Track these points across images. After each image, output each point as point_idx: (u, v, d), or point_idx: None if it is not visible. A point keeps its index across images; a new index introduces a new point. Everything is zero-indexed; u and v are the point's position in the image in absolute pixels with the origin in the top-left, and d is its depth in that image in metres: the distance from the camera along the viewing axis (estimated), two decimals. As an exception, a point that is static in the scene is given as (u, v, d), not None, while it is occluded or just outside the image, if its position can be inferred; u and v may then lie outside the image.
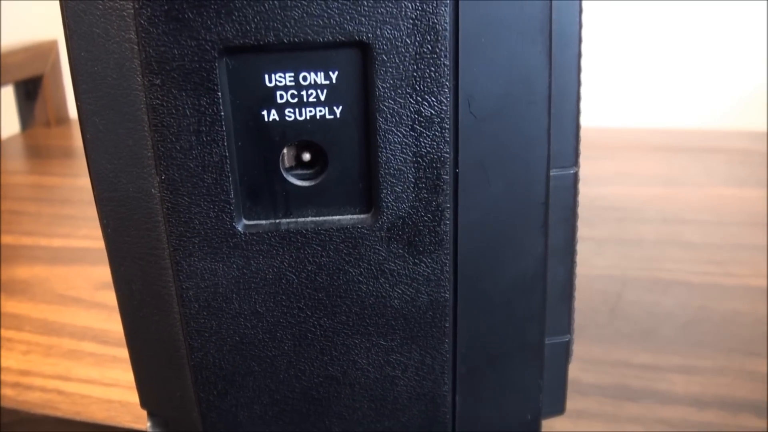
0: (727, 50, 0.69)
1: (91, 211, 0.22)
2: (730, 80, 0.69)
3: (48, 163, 0.69)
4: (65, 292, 0.42)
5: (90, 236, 0.50)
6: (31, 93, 0.79)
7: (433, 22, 0.20)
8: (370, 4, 0.19)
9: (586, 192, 0.24)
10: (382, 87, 0.20)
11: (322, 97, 0.21)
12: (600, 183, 0.53)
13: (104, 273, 0.44)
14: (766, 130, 0.65)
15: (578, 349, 0.26)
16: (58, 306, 0.41)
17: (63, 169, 0.66)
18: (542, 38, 0.20)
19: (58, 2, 0.21)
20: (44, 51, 0.78)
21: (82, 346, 0.36)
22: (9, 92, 0.80)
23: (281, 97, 0.21)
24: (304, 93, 0.21)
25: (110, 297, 0.41)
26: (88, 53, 0.21)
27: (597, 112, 0.68)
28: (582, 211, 0.24)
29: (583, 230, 0.42)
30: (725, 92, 0.69)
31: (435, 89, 0.20)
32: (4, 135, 0.87)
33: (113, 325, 0.38)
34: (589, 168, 0.24)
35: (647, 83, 0.71)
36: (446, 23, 0.20)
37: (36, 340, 0.37)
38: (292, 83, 0.21)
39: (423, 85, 0.20)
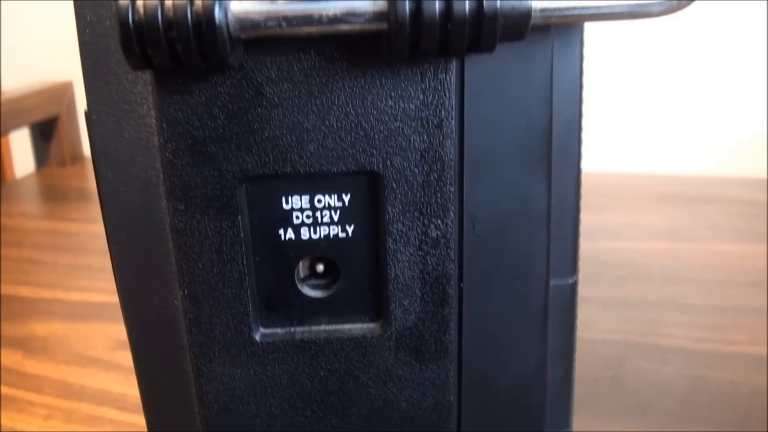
0: (727, 96, 0.71)
1: (108, 262, 0.23)
2: (730, 126, 0.70)
3: (64, 206, 0.70)
4: (84, 351, 0.44)
5: (106, 290, 0.51)
6: (46, 133, 0.81)
7: (439, 154, 0.21)
8: (381, 138, 0.21)
9: (591, 246, 0.26)
10: (392, 211, 0.22)
11: (335, 218, 0.22)
12: (604, 236, 0.54)
13: (120, 331, 0.45)
14: (766, 176, 0.66)
15: (578, 424, 0.27)
16: (77, 367, 0.42)
17: (79, 214, 0.67)
18: (542, 167, 0.22)
19: (73, 42, 0.22)
20: (59, 92, 0.80)
21: (102, 412, 0.38)
22: (24, 131, 0.82)
23: (297, 217, 0.22)
24: (318, 214, 0.22)
25: (127, 358, 0.42)
26: (115, 175, 0.22)
27: (600, 156, 0.70)
28: (587, 267, 0.25)
29: (588, 290, 0.44)
30: (726, 137, 0.70)
31: (441, 213, 0.22)
32: (20, 173, 0.89)
33: (130, 389, 0.39)
34: (593, 219, 0.25)
35: (651, 128, 0.73)
36: (452, 154, 0.21)
37: (56, 404, 0.39)
38: (308, 206, 0.22)
39: (430, 210, 0.22)
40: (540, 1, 0.18)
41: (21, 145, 0.84)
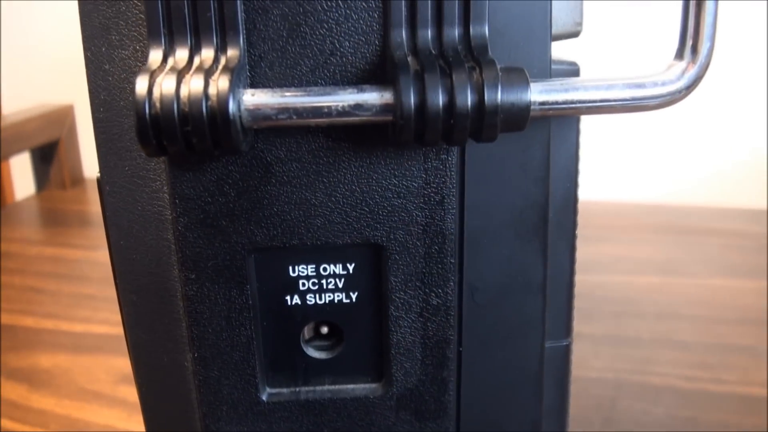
0: (725, 125, 0.72)
1: (110, 291, 0.24)
2: (728, 155, 0.72)
3: (65, 232, 0.71)
4: (88, 385, 0.45)
5: (109, 321, 0.52)
6: (46, 156, 0.81)
7: (441, 228, 0.22)
8: (385, 213, 0.22)
9: (586, 280, 0.26)
10: (394, 281, 0.22)
11: (340, 285, 0.23)
12: (599, 269, 0.56)
13: (124, 364, 0.46)
14: (766, 208, 0.67)
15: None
16: (81, 402, 0.43)
17: (81, 240, 0.68)
18: (538, 240, 0.23)
19: (74, 65, 0.23)
20: (60, 116, 0.80)
21: (106, 450, 0.39)
22: (25, 154, 0.82)
23: (303, 284, 0.23)
24: (323, 281, 0.23)
25: (130, 392, 0.43)
26: (127, 243, 0.23)
27: (596, 185, 0.71)
28: (582, 302, 0.26)
29: (582, 326, 0.45)
30: (723, 167, 0.72)
31: (442, 282, 0.23)
32: (20, 195, 0.90)
33: (134, 425, 0.40)
34: (589, 252, 0.26)
35: (647, 157, 0.74)
36: (453, 228, 0.22)
37: (61, 441, 0.40)
38: (314, 273, 0.23)
39: (431, 280, 0.23)
40: (539, 95, 0.19)
41: (21, 166, 0.85)
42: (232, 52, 0.20)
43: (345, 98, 0.19)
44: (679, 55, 0.20)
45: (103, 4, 0.21)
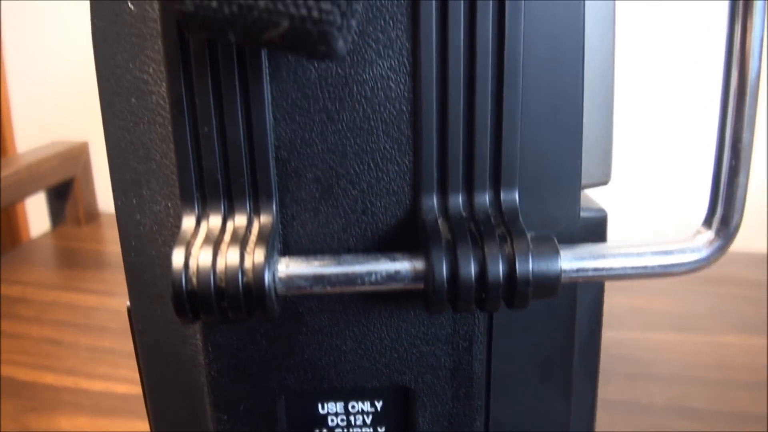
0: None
1: (127, 345, 0.24)
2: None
3: (81, 275, 0.72)
4: (108, 452, 0.45)
5: (128, 379, 0.53)
6: (62, 193, 0.82)
7: (468, 372, 0.22)
8: (414, 359, 0.22)
9: (603, 336, 0.26)
10: (422, 420, 0.23)
11: (368, 421, 0.24)
12: (615, 325, 0.56)
13: (143, 427, 0.47)
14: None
15: None
16: (101, 471, 0.43)
17: (97, 284, 0.69)
18: (562, 380, 0.23)
19: (89, 102, 0.23)
20: (75, 154, 0.81)
21: None
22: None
23: (332, 420, 0.24)
24: (352, 418, 0.24)
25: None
26: (161, 383, 0.24)
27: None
28: None
29: (599, 388, 0.45)
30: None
31: (468, 422, 0.23)
32: (34, 229, 0.91)
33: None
34: (606, 303, 0.25)
35: (660, 199, 0.74)
36: (480, 372, 0.22)
37: None
38: (342, 411, 0.23)
39: (458, 420, 0.23)
40: (569, 263, 0.20)
41: (36, 202, 0.86)
42: (265, 218, 0.20)
43: (377, 268, 0.19)
44: (707, 223, 0.20)
45: (134, 160, 0.21)
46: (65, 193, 0.82)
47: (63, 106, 0.85)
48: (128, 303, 0.24)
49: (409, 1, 0.19)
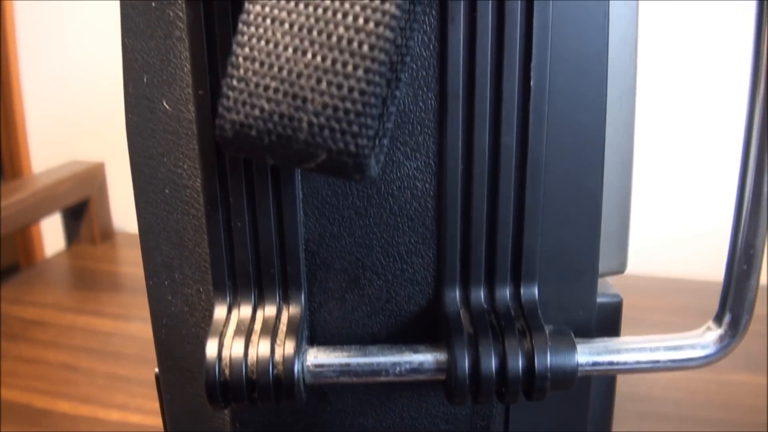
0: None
1: (143, 373, 0.25)
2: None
3: (97, 297, 0.73)
4: (125, 487, 0.46)
5: (143, 409, 0.53)
6: (77, 213, 0.83)
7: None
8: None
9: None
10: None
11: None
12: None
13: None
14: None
15: None
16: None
17: (113, 308, 0.70)
18: (579, 406, 0.24)
19: (105, 123, 0.24)
20: (91, 175, 0.82)
21: None
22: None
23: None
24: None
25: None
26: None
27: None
28: None
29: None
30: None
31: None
32: (49, 248, 0.92)
33: None
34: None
35: (662, 230, 0.74)
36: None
37: None
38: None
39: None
40: (585, 357, 0.20)
41: (51, 221, 0.87)
42: (294, 308, 0.21)
43: (401, 360, 0.20)
44: (718, 320, 0.21)
45: (166, 245, 0.22)
46: (80, 213, 0.83)
47: (79, 125, 0.86)
48: (156, 370, 0.25)
49: (436, 107, 0.20)
